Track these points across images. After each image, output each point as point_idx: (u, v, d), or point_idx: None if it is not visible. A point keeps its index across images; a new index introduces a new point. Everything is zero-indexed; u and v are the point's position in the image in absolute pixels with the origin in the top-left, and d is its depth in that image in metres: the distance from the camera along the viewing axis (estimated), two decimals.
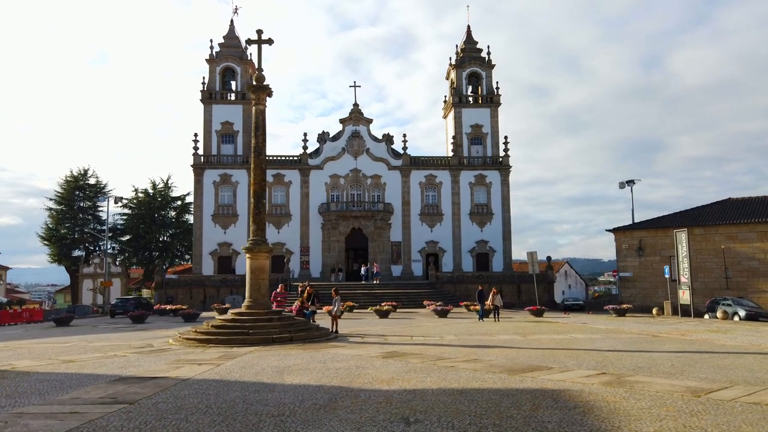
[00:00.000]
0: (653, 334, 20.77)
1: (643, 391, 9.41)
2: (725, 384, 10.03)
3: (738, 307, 31.23)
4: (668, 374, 11.24)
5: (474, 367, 12.29)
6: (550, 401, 8.70)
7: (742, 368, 12.01)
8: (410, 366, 12.58)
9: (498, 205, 56.58)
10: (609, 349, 15.78)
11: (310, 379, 10.91)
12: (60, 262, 74.00)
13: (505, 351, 15.49)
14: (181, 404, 8.61)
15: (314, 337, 18.82)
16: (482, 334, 20.93)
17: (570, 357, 14.08)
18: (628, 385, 10.00)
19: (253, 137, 20.56)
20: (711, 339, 18.84)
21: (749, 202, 42.67)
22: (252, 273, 19.91)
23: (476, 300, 32.41)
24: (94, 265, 70.25)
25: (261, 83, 20.73)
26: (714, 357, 13.98)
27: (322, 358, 13.95)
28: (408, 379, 10.80)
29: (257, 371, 11.97)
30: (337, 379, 10.85)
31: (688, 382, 10.23)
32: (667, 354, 14.68)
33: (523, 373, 11.46)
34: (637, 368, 12.08)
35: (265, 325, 18.67)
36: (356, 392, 9.48)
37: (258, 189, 20.20)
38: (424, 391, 9.50)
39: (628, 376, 11.04)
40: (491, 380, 10.66)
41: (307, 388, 9.97)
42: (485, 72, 59.28)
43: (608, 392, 9.35)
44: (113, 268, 69.55)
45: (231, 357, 14.56)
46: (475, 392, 9.42)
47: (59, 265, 76.88)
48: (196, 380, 10.96)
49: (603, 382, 10.27)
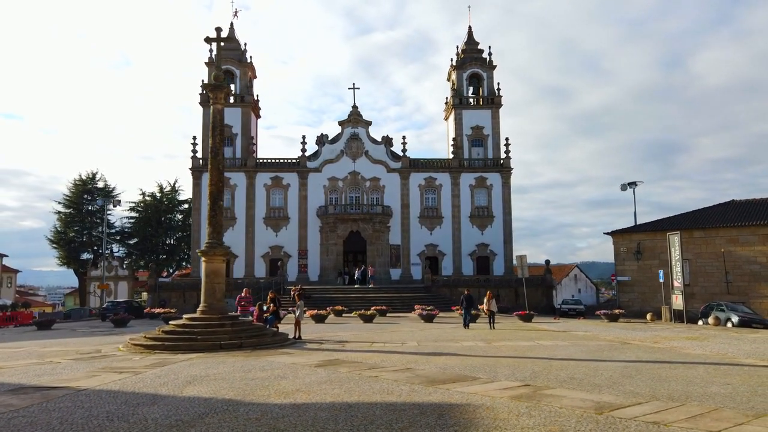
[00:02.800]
0: (625, 341, 19.91)
1: (548, 406, 8.71)
2: (643, 399, 9.28)
3: (731, 313, 30.07)
4: (595, 387, 10.51)
5: (396, 378, 11.65)
6: (433, 418, 8.04)
7: (682, 381, 11.22)
8: (333, 376, 11.99)
9: (499, 208, 55.66)
10: (561, 358, 15.02)
11: (208, 390, 10.36)
12: (68, 265, 74.64)
13: (450, 359, 14.81)
14: (35, 419, 8.11)
15: (266, 344, 18.26)
16: (447, 341, 20.22)
17: (511, 366, 13.36)
18: (539, 399, 9.31)
19: (210, 137, 20.12)
20: (680, 347, 17.94)
21: (752, 204, 41.35)
22: (207, 277, 19.44)
23: (460, 305, 29.29)
24: (101, 268, 70.84)
25: (219, 82, 20.30)
26: (663, 367, 13.17)
27: (251, 367, 13.40)
28: (313, 391, 10.20)
29: (165, 381, 11.45)
30: (235, 391, 10.27)
31: (605, 397, 9.50)
32: (617, 363, 13.89)
33: (442, 385, 10.80)
34: (568, 379, 11.36)
35: (216, 331, 18.17)
36: (239, 406, 8.90)
37: (214, 190, 19.74)
38: (312, 406, 8.90)
39: (550, 388, 10.33)
40: (398, 393, 10.02)
41: (194, 401, 9.42)
42: (486, 73, 58.48)
43: (510, 407, 8.67)
44: (120, 271, 70.08)
45: (162, 365, 14.08)
46: (366, 407, 8.79)
47: (68, 268, 77.66)
48: (91, 391, 10.47)
49: (514, 396, 9.58)
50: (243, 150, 56.04)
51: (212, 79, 20.39)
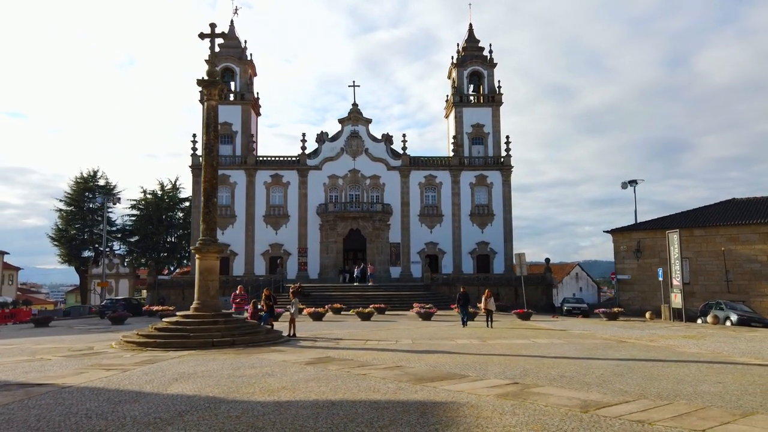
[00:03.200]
0: (621, 340, 19.78)
1: (533, 405, 8.59)
2: (631, 397, 9.16)
3: (730, 312, 29.90)
4: (584, 385, 10.39)
5: (384, 376, 11.55)
6: (415, 416, 7.93)
7: (673, 379, 11.10)
8: (321, 374, 11.89)
9: (499, 206, 55.50)
10: (554, 356, 14.90)
11: (193, 388, 10.26)
12: (70, 262, 74.75)
13: (442, 357, 14.69)
14: (12, 417, 8.03)
15: (259, 341, 18.18)
16: (442, 339, 20.10)
17: (502, 364, 13.25)
18: (525, 397, 9.19)
19: (204, 134, 20.05)
20: (675, 345, 17.81)
21: (753, 202, 41.12)
22: (201, 274, 19.37)
23: (457, 303, 28.56)
24: (102, 266, 70.91)
25: (213, 78, 20.21)
26: (656, 366, 13.04)
27: (240, 365, 13.30)
28: (299, 389, 10.10)
29: (152, 379, 11.37)
30: (219, 388, 10.18)
31: (593, 395, 9.38)
32: (610, 362, 13.76)
33: (430, 383, 10.68)
34: (558, 377, 11.24)
35: (208, 329, 18.10)
36: (221, 404, 8.81)
37: (208, 187, 19.68)
38: (294, 404, 8.80)
39: (538, 386, 10.21)
40: (384, 391, 9.91)
41: (177, 398, 9.33)
42: (487, 71, 58.31)
43: (494, 405, 8.56)
44: (121, 268, 70.10)
45: (151, 362, 13.99)
46: (349, 405, 8.69)
47: (69, 266, 77.76)
48: (75, 388, 10.39)
49: (501, 394, 9.47)
50: (243, 148, 55.96)
51: (206, 75, 20.24)
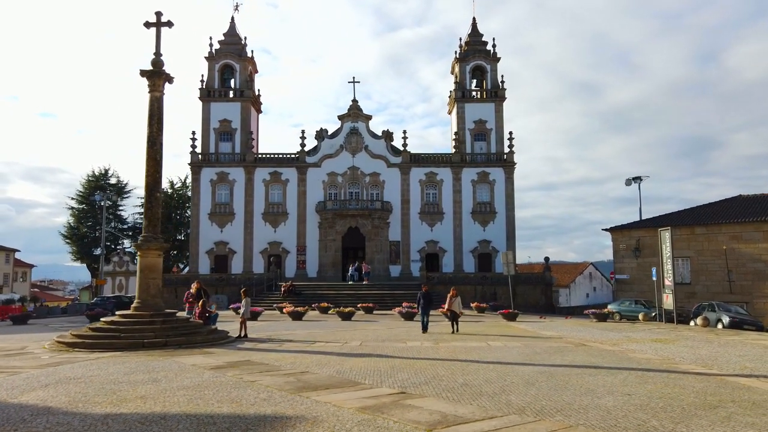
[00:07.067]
0: (583, 343, 18.63)
1: (385, 421, 7.69)
2: (503, 413, 8.21)
3: (723, 314, 28.37)
4: (473, 396, 9.44)
5: (271, 383, 10.71)
6: None
7: (581, 390, 10.08)
8: (211, 380, 11.12)
9: (501, 204, 54.20)
10: (488, 361, 13.91)
11: (48, 396, 9.54)
12: (81, 260, 75.44)
13: (365, 362, 13.78)
14: None
15: (195, 342, 17.49)
16: (394, 341, 19.19)
17: (419, 370, 12.31)
18: (388, 410, 8.28)
19: (147, 126, 19.38)
20: (633, 350, 16.61)
21: (759, 199, 39.31)
22: (141, 272, 18.74)
23: (417, 304, 23.93)
24: (113, 264, 71.41)
25: (158, 68, 19.55)
26: (583, 373, 11.98)
27: (141, 369, 12.59)
28: (157, 399, 9.30)
29: (29, 384, 10.71)
30: (71, 397, 9.43)
31: (463, 409, 8.43)
32: (540, 368, 12.74)
33: (313, 392, 9.82)
34: (459, 386, 10.31)
35: (142, 329, 17.45)
36: (49, 416, 8.09)
37: (151, 181, 19.03)
38: (121, 417, 8.01)
39: (420, 397, 9.30)
40: (245, 402, 9.06)
41: (18, 408, 8.64)
42: (490, 65, 56.98)
43: (343, 420, 7.68)
44: (131, 266, 70.40)
45: (58, 364, 13.39)
46: (175, 419, 7.84)
47: (81, 263, 78.53)
48: None
49: (366, 407, 8.55)
50: (242, 145, 55.54)
51: (150, 65, 19.60)
